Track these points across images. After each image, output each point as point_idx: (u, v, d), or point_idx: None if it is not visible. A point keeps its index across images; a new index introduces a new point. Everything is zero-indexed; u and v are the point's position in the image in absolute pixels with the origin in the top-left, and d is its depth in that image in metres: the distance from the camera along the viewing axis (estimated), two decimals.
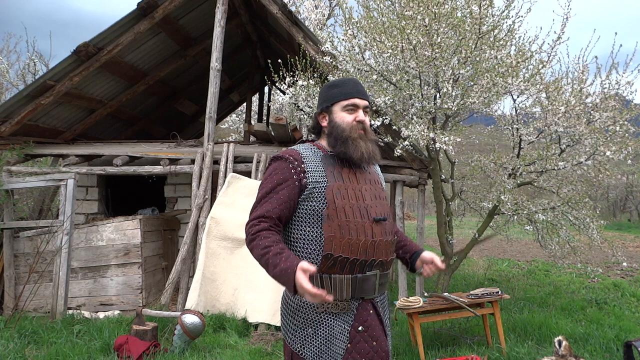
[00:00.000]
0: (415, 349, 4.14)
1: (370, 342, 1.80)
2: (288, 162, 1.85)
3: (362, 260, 1.78)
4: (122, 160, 6.05)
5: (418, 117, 4.84)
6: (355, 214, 1.80)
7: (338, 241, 1.76)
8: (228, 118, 14.43)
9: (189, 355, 4.12)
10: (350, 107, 1.91)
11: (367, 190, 1.89)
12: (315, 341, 1.78)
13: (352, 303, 1.80)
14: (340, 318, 1.79)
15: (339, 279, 1.77)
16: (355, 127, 1.88)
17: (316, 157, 1.89)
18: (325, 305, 1.77)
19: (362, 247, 1.78)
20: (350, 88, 1.94)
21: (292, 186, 1.81)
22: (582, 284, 7.83)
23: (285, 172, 1.83)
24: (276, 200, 1.80)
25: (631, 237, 16.91)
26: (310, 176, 1.82)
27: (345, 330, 1.78)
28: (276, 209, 1.80)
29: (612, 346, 4.36)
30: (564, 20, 4.93)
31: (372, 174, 2.00)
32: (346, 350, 1.77)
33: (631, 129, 4.88)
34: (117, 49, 5.79)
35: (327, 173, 1.84)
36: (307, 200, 1.81)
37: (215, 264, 5.26)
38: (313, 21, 10.80)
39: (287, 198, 1.81)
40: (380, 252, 1.83)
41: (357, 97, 1.92)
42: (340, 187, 1.82)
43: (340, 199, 1.80)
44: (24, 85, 11.17)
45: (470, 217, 7.75)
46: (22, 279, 5.70)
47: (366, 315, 1.82)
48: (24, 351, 4.20)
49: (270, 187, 1.83)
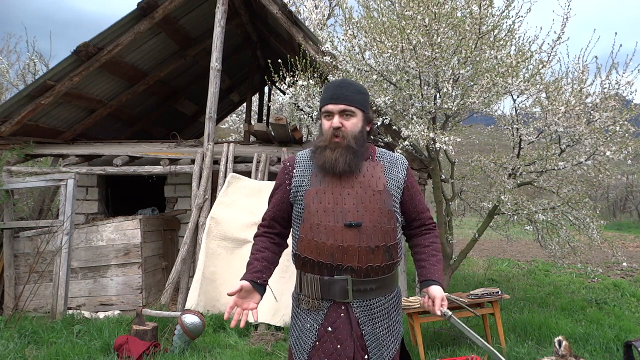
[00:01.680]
0: (415, 349, 4.14)
1: (335, 344, 1.84)
2: (284, 167, 2.02)
3: (328, 264, 1.82)
4: (122, 160, 6.05)
5: (418, 117, 4.84)
6: (329, 218, 1.83)
7: (306, 243, 1.86)
8: (228, 118, 14.43)
9: (189, 355, 4.12)
10: (326, 114, 1.92)
11: (351, 195, 1.85)
12: (294, 332, 1.96)
13: (323, 303, 1.87)
14: (310, 315, 1.90)
15: (310, 277, 1.88)
16: (329, 135, 1.89)
17: (310, 162, 1.97)
18: (300, 301, 1.93)
19: (329, 251, 1.81)
20: (327, 93, 1.93)
21: (283, 190, 1.99)
22: (582, 284, 7.83)
23: (281, 177, 2.02)
24: (272, 204, 2.03)
25: (631, 237, 16.91)
26: (295, 181, 1.95)
27: (314, 328, 1.88)
28: (270, 212, 2.03)
29: (612, 346, 4.36)
30: (564, 20, 4.92)
31: (373, 176, 1.91)
32: (313, 347, 1.87)
33: (631, 129, 4.88)
34: (117, 49, 5.79)
35: (312, 178, 1.92)
36: (294, 203, 1.96)
37: (215, 264, 5.26)
38: (313, 21, 10.79)
39: (279, 201, 2.00)
40: (350, 258, 1.80)
41: (330, 103, 1.90)
42: (319, 191, 1.88)
43: (316, 203, 1.86)
44: (24, 85, 11.17)
45: (470, 217, 7.75)
46: (22, 279, 5.70)
47: (335, 317, 1.86)
48: (24, 351, 4.20)
49: (272, 192, 2.06)
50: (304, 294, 1.91)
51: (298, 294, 1.96)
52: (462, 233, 11.23)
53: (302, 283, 1.92)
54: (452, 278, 6.67)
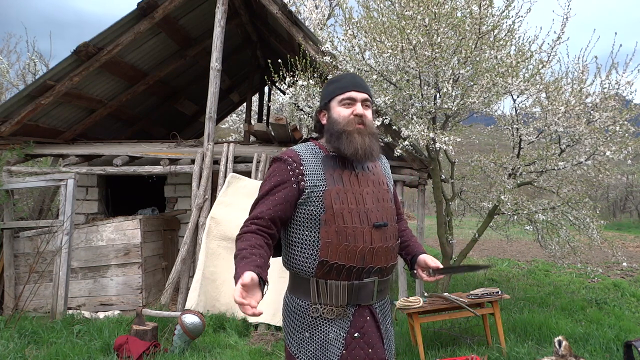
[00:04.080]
0: (415, 349, 4.14)
1: (366, 349, 1.76)
2: (287, 163, 1.80)
3: (359, 267, 1.74)
4: (122, 160, 6.05)
5: (418, 117, 4.84)
6: (354, 219, 1.74)
7: (334, 247, 1.72)
8: (228, 118, 14.42)
9: (189, 355, 4.12)
10: (346, 101, 1.83)
11: (369, 194, 1.82)
12: (311, 345, 1.76)
13: (349, 309, 1.76)
14: (335, 324, 1.76)
15: (335, 285, 1.74)
16: (352, 121, 1.80)
17: (316, 158, 1.82)
18: (320, 310, 1.75)
19: (360, 254, 1.73)
20: (346, 82, 1.86)
21: (289, 188, 1.77)
22: (582, 284, 7.83)
23: (283, 174, 1.79)
24: (271, 202, 1.76)
25: (631, 237, 16.91)
26: (309, 179, 1.77)
27: (341, 337, 1.75)
28: (270, 210, 1.75)
29: (612, 346, 4.36)
30: (563, 20, 4.93)
31: (377, 174, 1.90)
32: (341, 357, 1.74)
33: (631, 129, 4.88)
34: (117, 49, 5.79)
35: (327, 176, 1.78)
36: (305, 204, 1.77)
37: (215, 264, 5.26)
38: (313, 21, 10.79)
39: (282, 200, 1.76)
40: (379, 259, 1.78)
41: (353, 90, 1.83)
42: (340, 190, 1.76)
43: (339, 203, 1.74)
44: (24, 85, 11.17)
45: (470, 217, 7.75)
46: (22, 279, 5.70)
47: (362, 322, 1.78)
48: (24, 351, 4.20)
49: (268, 188, 1.79)
50: (324, 303, 1.75)
51: (314, 304, 1.76)
52: (462, 233, 11.21)
53: (319, 291, 1.75)
54: (452, 278, 6.67)
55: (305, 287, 1.78)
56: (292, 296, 1.84)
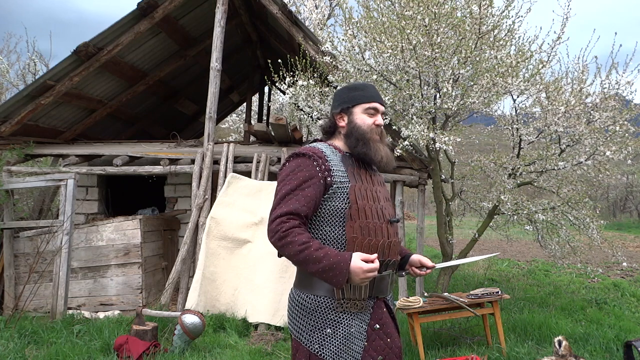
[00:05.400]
0: (415, 349, 4.14)
1: (385, 339, 1.87)
2: (312, 159, 1.82)
3: (380, 261, 1.81)
4: (122, 160, 6.05)
5: (418, 117, 4.84)
6: (374, 215, 1.85)
7: (360, 242, 1.79)
8: (228, 118, 14.42)
9: (189, 355, 4.12)
10: (371, 111, 1.95)
11: (381, 192, 1.96)
12: (335, 341, 1.78)
13: (369, 302, 1.85)
14: (358, 317, 1.82)
15: None
16: (374, 130, 1.94)
17: (336, 157, 1.89)
18: (344, 305, 1.79)
19: (381, 248, 1.83)
20: (372, 92, 1.99)
21: (317, 184, 1.78)
22: (582, 284, 7.83)
23: (310, 169, 1.80)
24: (303, 197, 1.76)
25: (631, 237, 16.91)
26: (335, 175, 1.82)
27: (363, 329, 1.82)
28: (304, 207, 1.75)
29: (612, 346, 4.36)
30: (563, 20, 4.93)
31: (380, 176, 2.07)
32: (364, 349, 1.81)
33: (631, 129, 4.88)
34: (117, 49, 5.79)
35: (348, 173, 1.87)
36: (330, 199, 1.80)
37: (215, 264, 5.26)
38: (313, 21, 10.79)
39: (313, 196, 1.77)
40: (394, 253, 1.91)
41: (378, 101, 1.97)
42: (361, 187, 1.86)
43: (361, 199, 1.83)
44: (24, 85, 11.17)
45: (470, 217, 7.75)
46: (22, 279, 5.70)
47: (381, 314, 1.88)
48: (24, 351, 4.20)
49: (296, 184, 1.78)
50: (349, 298, 1.78)
51: (339, 300, 1.78)
52: (462, 233, 11.22)
53: (344, 287, 1.76)
54: (452, 278, 6.67)
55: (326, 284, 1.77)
56: (309, 295, 1.83)
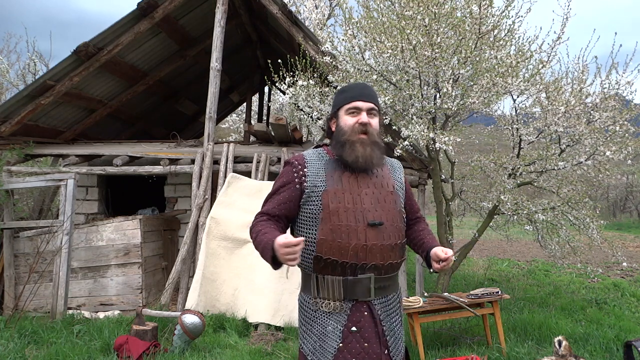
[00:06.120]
0: (415, 349, 4.14)
1: (362, 343, 1.86)
2: (292, 166, 1.97)
3: (352, 263, 1.83)
4: (122, 160, 6.05)
5: (418, 117, 4.84)
6: (350, 218, 1.85)
7: (328, 244, 1.84)
8: (228, 118, 14.42)
9: (189, 355, 4.12)
10: (352, 110, 1.95)
11: (368, 195, 1.91)
12: (311, 337, 1.90)
13: (346, 304, 1.87)
14: (333, 317, 1.87)
15: (330, 279, 1.86)
16: (355, 130, 1.92)
17: (321, 161, 1.96)
18: (319, 304, 1.89)
19: (353, 251, 1.83)
20: (355, 92, 1.98)
21: (292, 189, 1.93)
22: (582, 284, 7.83)
23: (288, 175, 1.96)
24: (276, 201, 1.95)
25: (631, 237, 16.91)
26: (310, 180, 1.92)
27: (338, 330, 1.86)
28: (275, 208, 1.94)
29: (612, 346, 4.36)
30: (563, 20, 4.92)
31: (384, 177, 1.99)
32: (338, 349, 1.85)
33: (631, 129, 4.88)
34: (117, 49, 5.79)
35: (327, 177, 1.91)
36: (307, 203, 1.91)
37: (215, 264, 5.26)
38: (313, 21, 10.78)
39: (286, 199, 1.94)
40: (374, 256, 1.86)
41: (359, 99, 1.95)
42: (337, 191, 1.88)
43: (335, 203, 1.86)
44: (24, 85, 11.16)
45: (470, 217, 7.75)
46: (22, 279, 5.71)
47: (359, 317, 1.87)
48: (24, 351, 4.20)
49: (275, 189, 1.99)
50: (322, 297, 1.88)
51: (314, 298, 1.90)
52: (462, 233, 11.22)
53: (319, 286, 1.88)
54: (452, 278, 6.67)
55: (308, 282, 1.93)
56: (301, 293, 2.01)
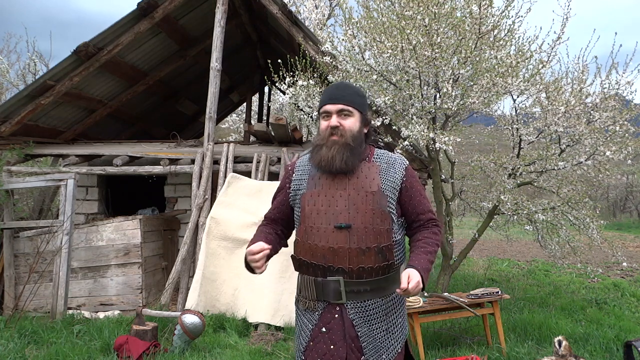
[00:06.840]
0: (415, 349, 4.14)
1: (328, 345, 1.87)
2: (286, 171, 2.11)
3: (320, 265, 1.87)
4: (122, 160, 6.05)
5: (418, 117, 4.84)
6: (322, 220, 1.88)
7: (301, 245, 1.93)
8: (228, 118, 14.42)
9: (189, 355, 4.12)
10: (324, 114, 1.97)
11: (342, 197, 1.87)
12: (296, 332, 2.05)
13: (319, 304, 1.90)
14: (307, 316, 1.94)
15: (306, 279, 1.94)
16: (326, 134, 1.93)
17: (307, 166, 2.02)
18: (299, 302, 2.00)
19: (321, 253, 1.86)
20: (324, 95, 1.99)
21: (284, 193, 2.07)
22: (582, 284, 7.83)
23: (283, 180, 2.11)
24: (273, 205, 2.13)
25: (631, 237, 16.91)
26: (294, 185, 2.02)
27: (309, 328, 1.92)
28: (272, 212, 2.12)
29: (612, 346, 4.36)
30: (563, 20, 4.92)
31: (367, 177, 1.91)
32: (307, 346, 1.91)
33: (631, 129, 4.88)
34: (117, 49, 5.79)
35: (309, 181, 1.97)
36: (293, 206, 2.04)
37: (215, 264, 5.26)
38: (313, 21, 10.77)
39: (279, 204, 2.10)
40: (341, 260, 1.83)
41: (328, 103, 1.95)
42: (314, 194, 1.92)
43: (310, 205, 1.91)
44: (24, 85, 11.16)
45: (470, 217, 7.75)
46: (22, 279, 5.70)
47: (330, 319, 1.89)
48: (24, 351, 4.20)
49: (274, 194, 2.15)
50: (302, 295, 1.97)
51: (298, 295, 2.02)
52: (462, 233, 11.22)
53: (300, 284, 1.98)
54: (452, 278, 6.67)
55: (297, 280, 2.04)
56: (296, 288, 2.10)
